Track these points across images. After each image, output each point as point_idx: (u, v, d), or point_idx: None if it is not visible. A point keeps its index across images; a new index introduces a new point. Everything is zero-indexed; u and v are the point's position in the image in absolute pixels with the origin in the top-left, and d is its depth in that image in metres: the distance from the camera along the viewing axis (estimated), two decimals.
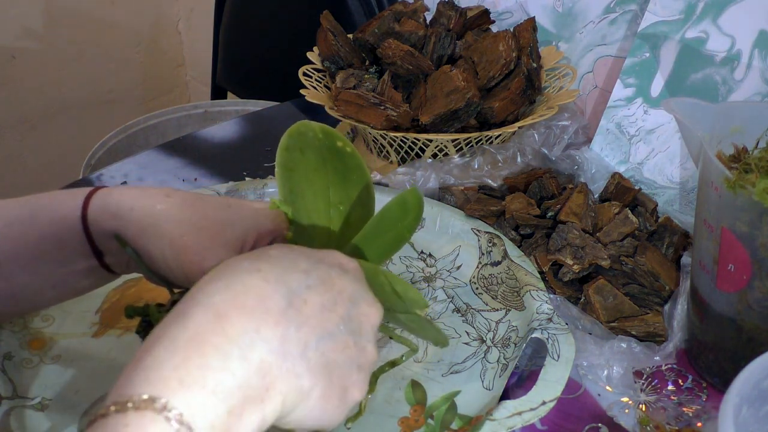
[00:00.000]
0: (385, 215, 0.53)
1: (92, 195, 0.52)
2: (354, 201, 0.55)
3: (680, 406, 0.64)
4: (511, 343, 0.65)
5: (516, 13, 1.02)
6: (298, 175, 0.54)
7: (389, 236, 0.54)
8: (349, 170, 0.54)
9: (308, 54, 0.98)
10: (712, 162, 0.59)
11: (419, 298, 0.50)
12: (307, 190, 0.55)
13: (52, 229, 0.52)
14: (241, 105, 1.38)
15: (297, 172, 0.54)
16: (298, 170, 0.54)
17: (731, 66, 0.82)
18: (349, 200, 0.55)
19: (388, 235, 0.54)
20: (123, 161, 0.98)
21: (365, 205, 0.55)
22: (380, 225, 0.54)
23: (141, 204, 0.51)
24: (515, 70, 0.90)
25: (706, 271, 0.63)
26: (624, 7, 0.92)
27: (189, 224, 0.50)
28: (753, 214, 0.57)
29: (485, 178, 0.84)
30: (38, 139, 1.80)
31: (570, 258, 0.71)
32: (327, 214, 0.56)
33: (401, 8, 0.97)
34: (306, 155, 0.54)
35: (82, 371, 0.63)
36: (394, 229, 0.54)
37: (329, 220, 0.56)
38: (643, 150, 0.88)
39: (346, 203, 0.55)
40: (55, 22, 1.74)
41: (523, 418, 0.55)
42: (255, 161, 0.97)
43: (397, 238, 0.54)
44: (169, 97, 2.04)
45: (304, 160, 0.54)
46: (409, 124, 0.88)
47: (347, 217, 0.56)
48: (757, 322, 0.61)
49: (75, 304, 0.68)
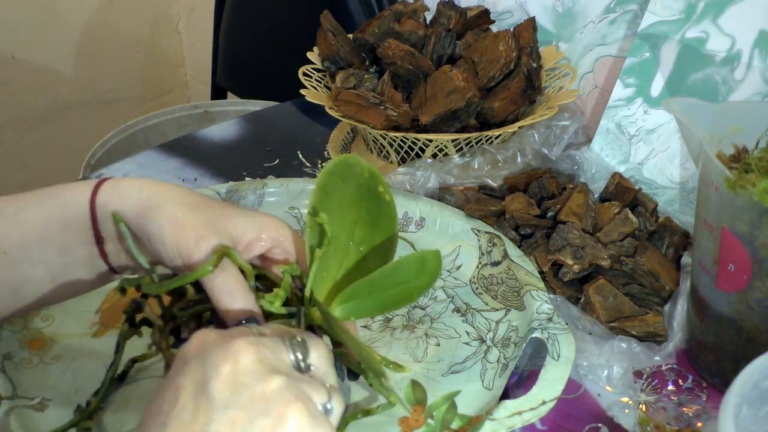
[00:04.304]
0: (399, 268, 0.53)
1: (103, 182, 0.53)
2: (375, 247, 0.55)
3: (680, 406, 0.64)
4: (511, 343, 0.65)
5: (516, 13, 1.02)
6: (332, 201, 0.54)
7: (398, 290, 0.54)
8: (381, 216, 0.55)
9: (308, 54, 0.98)
10: (712, 162, 0.59)
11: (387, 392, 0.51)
12: (336, 218, 0.54)
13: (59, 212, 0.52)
14: (241, 105, 1.38)
15: (332, 199, 0.54)
16: (334, 197, 0.54)
17: (731, 66, 0.82)
18: (371, 243, 0.55)
19: (397, 288, 0.54)
20: (123, 161, 0.98)
21: (384, 255, 0.55)
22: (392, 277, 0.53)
23: (149, 187, 0.52)
24: (515, 70, 0.90)
25: (706, 271, 0.63)
26: (624, 7, 0.92)
27: (190, 208, 0.51)
28: (753, 214, 0.57)
29: (485, 178, 0.84)
30: (38, 139, 1.80)
31: (570, 258, 0.71)
32: (346, 248, 0.55)
33: (401, 8, 0.97)
34: (346, 186, 0.54)
35: (82, 371, 0.63)
36: (405, 285, 0.53)
37: (346, 254, 0.55)
38: (643, 150, 0.88)
39: (368, 245, 0.55)
40: (55, 22, 1.74)
41: (523, 417, 0.55)
42: (255, 161, 0.97)
43: (404, 295, 0.54)
44: (169, 97, 2.04)
45: (342, 190, 0.54)
46: (409, 124, 0.88)
47: (363, 259, 0.55)
48: (757, 322, 0.61)
49: (75, 304, 0.68)
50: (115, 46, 1.87)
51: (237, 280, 0.50)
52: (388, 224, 0.55)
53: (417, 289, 0.54)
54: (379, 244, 0.55)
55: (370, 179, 0.54)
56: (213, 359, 0.41)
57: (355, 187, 0.54)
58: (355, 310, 0.54)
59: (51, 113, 1.80)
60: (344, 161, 0.54)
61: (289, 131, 1.06)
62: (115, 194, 0.52)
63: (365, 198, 0.55)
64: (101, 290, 0.70)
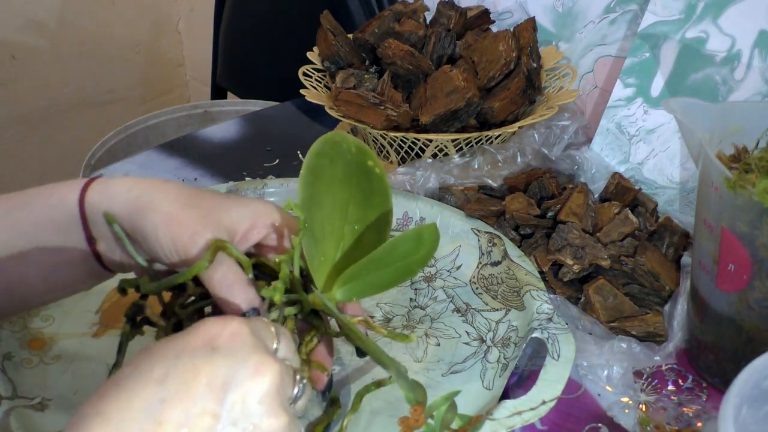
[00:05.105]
0: (397, 245, 0.53)
1: (91, 181, 0.53)
2: (371, 224, 0.54)
3: (680, 406, 0.64)
4: (511, 343, 0.65)
5: (516, 13, 1.02)
6: (322, 183, 0.54)
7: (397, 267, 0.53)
8: (373, 192, 0.54)
9: (308, 54, 0.98)
10: (712, 162, 0.59)
11: None
12: (327, 200, 0.54)
13: (48, 213, 0.52)
14: (241, 105, 1.38)
15: (322, 180, 0.54)
16: (323, 178, 0.54)
17: (731, 66, 0.82)
18: (365, 221, 0.55)
19: (396, 265, 0.53)
20: (123, 161, 0.98)
21: (380, 231, 0.55)
22: (391, 254, 0.53)
23: (138, 185, 0.52)
24: (515, 70, 0.90)
25: (706, 271, 0.63)
26: (624, 7, 0.92)
27: (182, 203, 0.51)
28: (753, 214, 0.57)
29: (485, 178, 0.84)
30: (38, 139, 1.80)
31: (570, 258, 0.71)
32: (341, 229, 0.55)
33: (401, 8, 0.97)
34: (335, 165, 0.53)
35: (82, 371, 0.63)
36: (405, 260, 0.53)
37: (342, 236, 0.55)
38: (643, 150, 0.88)
39: (362, 224, 0.55)
40: (55, 23, 1.74)
41: (523, 417, 0.55)
42: (255, 161, 0.97)
43: (404, 271, 0.54)
44: (169, 97, 2.04)
45: (331, 170, 0.53)
46: (409, 124, 0.88)
47: (360, 237, 0.55)
48: (757, 322, 0.61)
49: (75, 304, 0.69)
50: (115, 46, 1.87)
51: (235, 272, 0.50)
52: (382, 200, 0.54)
53: (417, 263, 0.53)
54: (374, 221, 0.54)
55: (359, 154, 0.53)
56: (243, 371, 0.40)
57: (343, 165, 0.53)
58: (356, 290, 0.54)
59: (51, 113, 1.80)
60: (330, 139, 0.53)
61: (289, 131, 1.06)
62: (104, 195, 0.52)
63: (355, 175, 0.54)
64: (101, 290, 0.70)
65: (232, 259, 0.50)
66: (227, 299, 0.50)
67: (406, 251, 0.53)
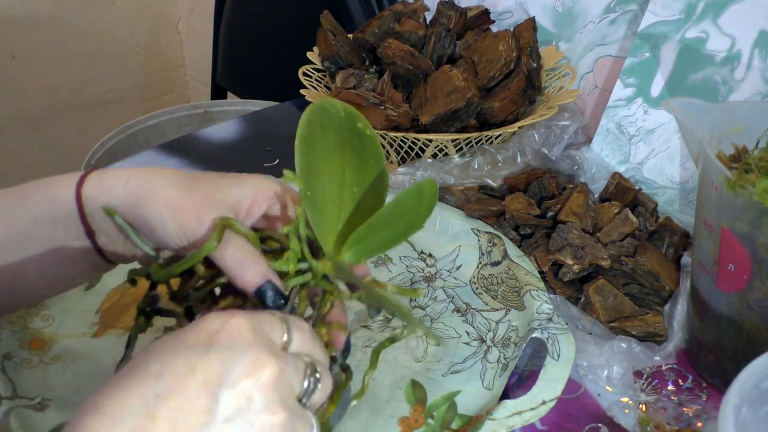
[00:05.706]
0: (399, 202, 0.53)
1: (87, 175, 0.53)
2: (368, 186, 0.55)
3: (680, 406, 0.64)
4: (511, 343, 0.65)
5: (516, 13, 1.02)
6: (316, 151, 0.54)
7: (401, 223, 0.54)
8: (366, 154, 0.54)
9: (308, 54, 0.98)
10: (712, 162, 0.59)
11: None
12: (324, 167, 0.54)
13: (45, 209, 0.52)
14: (241, 105, 1.38)
15: (316, 149, 0.54)
16: (317, 146, 0.54)
17: (731, 66, 0.82)
18: (363, 184, 0.55)
19: (400, 221, 0.54)
20: (123, 161, 0.98)
21: (378, 191, 0.55)
22: (395, 211, 0.54)
23: (136, 175, 0.51)
24: (515, 70, 0.90)
25: (706, 271, 0.63)
26: (624, 7, 0.92)
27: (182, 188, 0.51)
28: (753, 214, 0.57)
29: (485, 178, 0.84)
30: (38, 139, 1.80)
31: (570, 258, 0.71)
32: (340, 194, 0.55)
33: (401, 8, 0.97)
34: (326, 132, 0.54)
35: (82, 371, 0.63)
36: (407, 216, 0.54)
37: (342, 200, 0.56)
38: (643, 150, 0.88)
39: (360, 186, 0.55)
40: (55, 22, 1.74)
41: (523, 417, 0.55)
42: (255, 161, 0.97)
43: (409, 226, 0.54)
44: (169, 97, 2.04)
45: (323, 137, 0.54)
46: (409, 124, 0.88)
47: (360, 200, 0.56)
48: (757, 322, 0.61)
49: (75, 304, 0.69)
50: (115, 46, 1.87)
51: (245, 248, 0.50)
52: (375, 161, 0.55)
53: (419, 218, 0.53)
54: (372, 183, 0.55)
55: (348, 118, 0.54)
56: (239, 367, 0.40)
57: (335, 131, 0.54)
58: (364, 251, 0.55)
59: (51, 113, 1.80)
60: (319, 106, 0.53)
61: (289, 131, 1.05)
62: (100, 188, 0.52)
63: (347, 139, 0.54)
64: (101, 290, 0.70)
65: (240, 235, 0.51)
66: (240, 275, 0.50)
67: (408, 207, 0.54)
